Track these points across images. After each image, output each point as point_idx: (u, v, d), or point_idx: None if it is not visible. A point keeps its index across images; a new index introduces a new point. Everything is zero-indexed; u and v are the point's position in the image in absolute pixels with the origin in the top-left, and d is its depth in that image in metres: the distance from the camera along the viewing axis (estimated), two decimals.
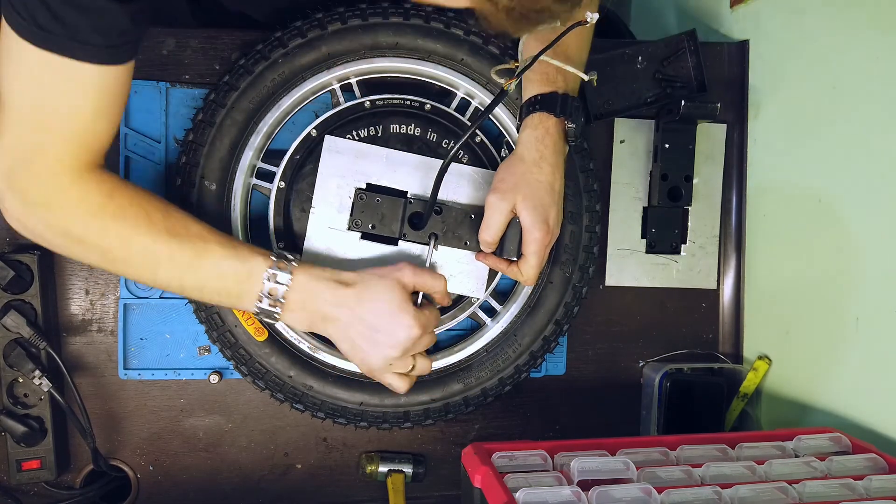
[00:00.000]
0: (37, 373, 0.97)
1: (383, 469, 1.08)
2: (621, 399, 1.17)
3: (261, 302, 0.85)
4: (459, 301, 1.04)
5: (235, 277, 0.84)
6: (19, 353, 0.97)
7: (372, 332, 0.86)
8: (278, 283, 0.84)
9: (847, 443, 0.89)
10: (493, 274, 1.02)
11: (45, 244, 0.83)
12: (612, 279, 1.16)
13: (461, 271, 1.01)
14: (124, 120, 1.02)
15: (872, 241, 0.94)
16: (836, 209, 1.00)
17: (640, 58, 1.11)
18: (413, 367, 0.90)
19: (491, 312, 1.07)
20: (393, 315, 0.86)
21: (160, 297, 1.04)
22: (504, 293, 1.07)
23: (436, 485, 1.12)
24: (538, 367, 1.09)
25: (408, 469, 1.09)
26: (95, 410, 1.04)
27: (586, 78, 0.93)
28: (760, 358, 1.13)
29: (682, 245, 1.17)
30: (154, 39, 1.04)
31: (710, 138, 1.17)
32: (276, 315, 0.86)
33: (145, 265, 0.83)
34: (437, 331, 1.03)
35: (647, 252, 1.16)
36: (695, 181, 1.15)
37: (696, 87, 1.11)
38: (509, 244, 0.94)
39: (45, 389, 0.97)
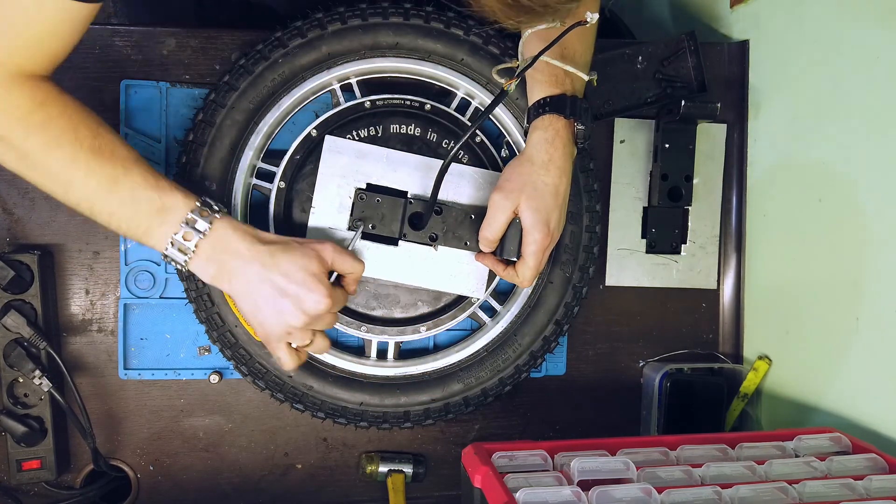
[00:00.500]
0: (37, 373, 0.97)
1: (383, 469, 1.08)
2: (621, 399, 1.17)
3: (172, 245, 0.82)
4: (460, 301, 1.04)
5: (148, 209, 0.82)
6: (19, 353, 0.97)
7: (279, 296, 0.83)
8: (196, 229, 0.82)
9: (847, 443, 0.89)
10: (493, 274, 1.02)
11: None
12: (612, 279, 1.16)
13: (461, 271, 1.01)
14: (124, 120, 1.03)
15: (872, 241, 0.94)
16: (836, 209, 1.00)
17: (640, 58, 1.11)
18: (310, 343, 0.87)
19: (491, 312, 1.07)
20: (306, 283, 0.83)
21: (160, 298, 1.04)
22: (504, 293, 1.07)
23: (436, 485, 1.12)
24: (538, 367, 1.09)
25: (408, 469, 1.09)
26: (95, 410, 1.04)
27: (586, 78, 0.93)
28: (760, 358, 1.13)
29: (683, 245, 1.17)
30: (154, 39, 1.04)
31: (710, 138, 1.17)
32: (184, 262, 0.83)
33: (60, 179, 0.81)
34: (436, 330, 1.04)
35: (648, 252, 1.16)
36: (695, 181, 1.15)
37: (696, 87, 1.11)
38: (509, 244, 0.94)
39: (46, 389, 0.97)
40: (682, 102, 1.07)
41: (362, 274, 0.90)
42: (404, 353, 1.07)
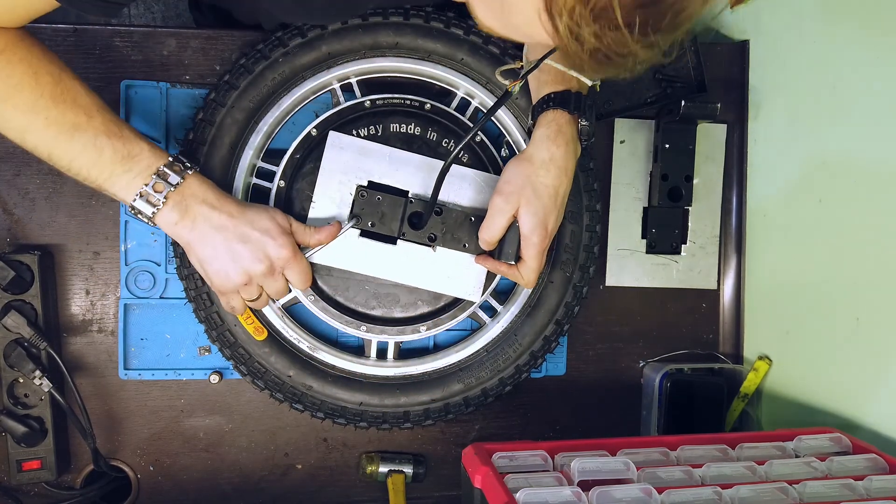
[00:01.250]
0: (37, 373, 0.97)
1: (383, 469, 1.08)
2: (621, 399, 1.17)
3: (140, 196, 0.83)
4: (459, 301, 1.04)
5: (112, 156, 0.82)
6: (20, 353, 0.97)
7: (239, 243, 0.86)
8: (167, 182, 0.83)
9: (847, 443, 0.89)
10: (491, 276, 1.02)
11: None
12: (612, 279, 1.16)
13: (459, 273, 1.01)
14: (124, 120, 1.02)
15: (872, 241, 0.94)
16: (836, 209, 1.00)
17: None
18: (258, 298, 0.91)
19: (491, 312, 1.07)
20: (269, 231, 0.87)
21: (160, 298, 1.04)
22: (504, 293, 1.07)
23: (436, 485, 1.12)
24: (538, 368, 1.09)
25: (408, 469, 1.09)
26: (96, 411, 1.04)
27: (589, 83, 0.93)
28: (761, 358, 1.13)
29: (683, 245, 1.17)
30: (154, 40, 1.04)
31: (710, 138, 1.17)
32: (151, 213, 0.84)
33: (18, 125, 0.81)
34: (436, 330, 1.03)
35: (648, 252, 1.16)
36: (695, 181, 1.15)
37: (696, 87, 1.11)
38: (508, 247, 0.94)
39: (46, 390, 0.97)
40: (682, 102, 1.07)
41: (319, 244, 0.93)
42: (404, 353, 1.07)
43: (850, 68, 0.97)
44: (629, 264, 1.16)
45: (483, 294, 1.03)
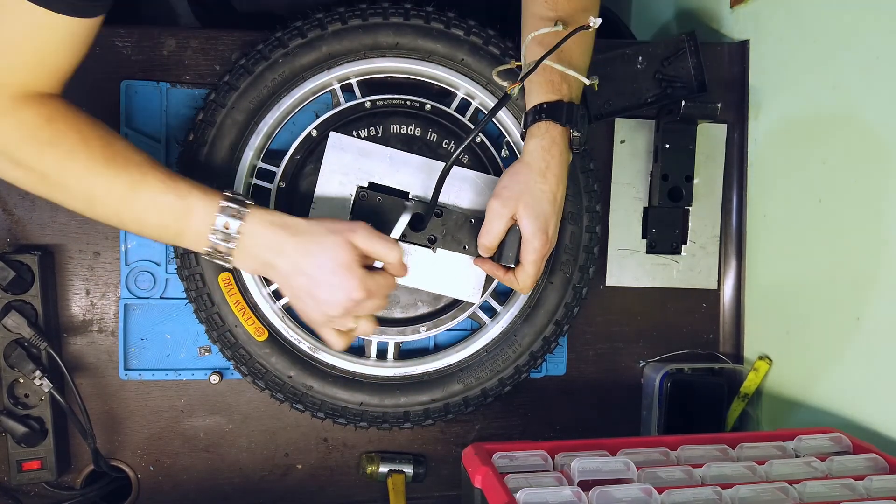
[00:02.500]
0: (37, 373, 0.97)
1: (384, 469, 1.08)
2: (622, 399, 1.17)
3: (210, 249, 0.83)
4: (459, 301, 1.04)
5: (172, 213, 0.82)
6: (20, 353, 0.97)
7: (312, 287, 0.84)
8: (226, 232, 0.82)
9: (847, 443, 0.89)
10: (491, 277, 1.02)
11: None
12: (612, 279, 1.16)
13: (459, 275, 1.01)
14: (124, 120, 1.03)
15: (872, 240, 0.94)
16: (836, 209, 1.00)
17: (640, 58, 1.11)
18: (355, 327, 0.89)
19: (491, 313, 1.07)
20: (336, 274, 0.83)
21: (160, 298, 1.04)
22: (504, 293, 1.07)
23: (436, 485, 1.12)
24: (538, 368, 1.09)
25: (408, 469, 1.09)
26: (96, 411, 1.04)
27: (588, 82, 0.93)
28: (761, 358, 1.13)
29: (683, 245, 1.17)
30: (154, 40, 1.04)
31: (711, 138, 1.17)
32: (227, 261, 0.85)
33: (82, 195, 0.82)
34: (436, 331, 1.04)
35: (648, 252, 1.16)
36: (695, 181, 1.15)
37: (696, 87, 1.11)
38: (508, 251, 0.94)
39: (46, 390, 0.97)
40: (683, 102, 1.07)
41: (401, 257, 0.88)
42: (404, 354, 1.07)
43: (850, 68, 0.97)
44: (629, 264, 1.16)
45: (483, 295, 1.03)
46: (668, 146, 1.12)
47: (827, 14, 1.01)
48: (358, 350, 1.06)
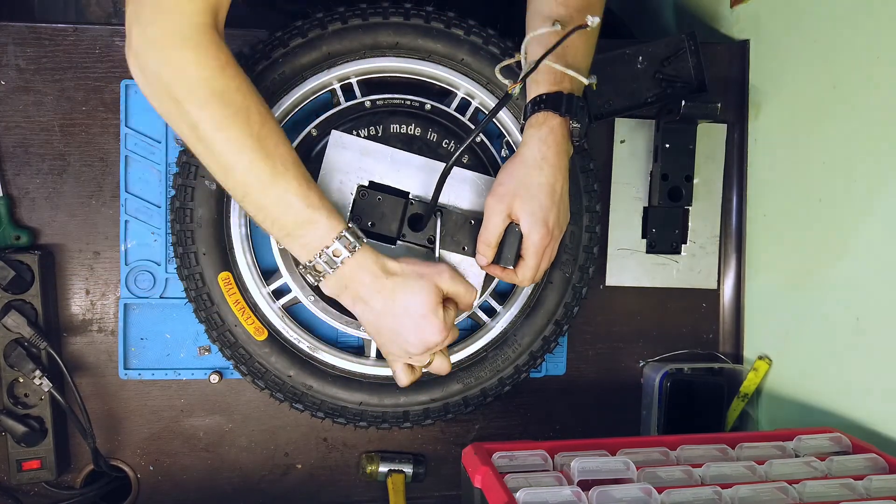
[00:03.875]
0: (37, 373, 0.97)
1: (383, 469, 1.08)
2: (621, 399, 1.17)
3: (309, 263, 0.84)
4: None
5: (295, 217, 0.83)
6: (20, 353, 0.97)
7: (399, 327, 0.86)
8: (334, 257, 0.84)
9: (847, 443, 0.89)
10: (490, 277, 1.02)
11: (150, 93, 0.81)
12: (612, 279, 1.16)
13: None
14: (125, 120, 1.03)
15: (872, 240, 0.94)
16: (836, 209, 1.00)
17: (640, 58, 1.11)
18: (430, 363, 0.91)
19: (490, 313, 1.07)
20: (423, 317, 0.86)
21: (160, 297, 1.04)
22: (504, 294, 1.07)
23: (436, 485, 1.12)
24: (538, 368, 1.09)
25: (408, 469, 1.09)
26: (96, 410, 1.04)
27: (586, 81, 0.93)
28: (761, 358, 1.13)
29: (683, 245, 1.17)
30: None
31: (711, 138, 1.17)
32: (315, 281, 0.87)
33: (223, 161, 0.81)
34: None
35: (648, 252, 1.16)
36: (695, 181, 1.15)
37: (696, 87, 1.11)
38: (507, 251, 0.94)
39: (46, 389, 0.97)
40: (683, 102, 1.07)
41: (475, 297, 0.92)
42: None
43: (850, 68, 0.97)
44: (629, 264, 1.16)
45: (482, 295, 1.03)
46: (668, 146, 1.12)
47: (827, 14, 1.01)
48: (357, 350, 1.06)
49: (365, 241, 0.86)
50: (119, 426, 1.06)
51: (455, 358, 1.04)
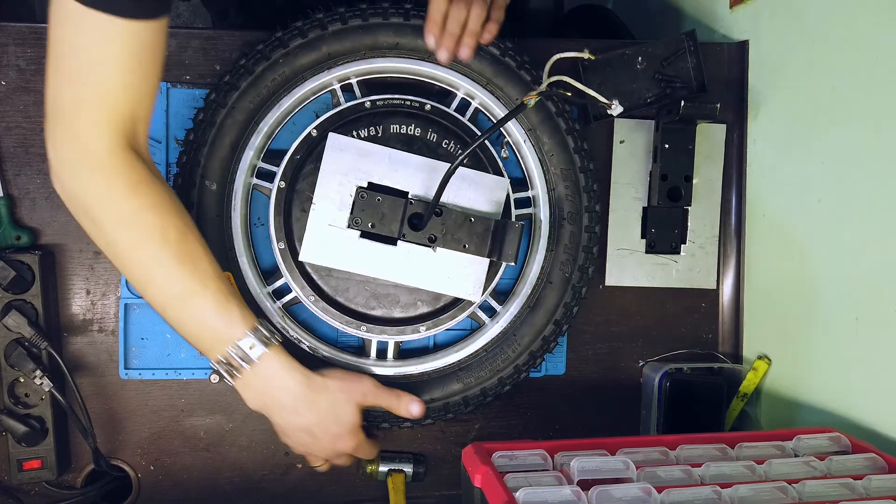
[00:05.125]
0: (38, 373, 0.97)
1: (384, 469, 1.08)
2: (621, 399, 1.17)
3: (220, 363, 0.86)
4: (459, 301, 1.04)
5: (213, 336, 0.84)
6: (20, 352, 0.97)
7: (309, 438, 0.91)
8: (244, 357, 0.85)
9: (847, 442, 0.89)
10: (491, 276, 1.02)
11: (71, 209, 0.82)
12: (612, 279, 1.16)
13: (459, 274, 1.01)
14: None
15: (872, 240, 0.94)
16: (836, 209, 1.00)
17: (640, 58, 1.11)
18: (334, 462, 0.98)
19: (490, 312, 1.07)
20: (339, 436, 0.91)
21: None
22: (504, 293, 1.08)
23: (436, 484, 1.13)
24: (538, 367, 1.09)
25: (408, 469, 1.09)
26: (96, 410, 1.05)
27: (610, 105, 0.96)
28: (760, 358, 1.13)
29: (682, 245, 1.17)
30: None
31: (710, 138, 1.17)
32: (229, 379, 0.87)
33: (140, 277, 0.83)
34: (436, 330, 1.04)
35: (647, 252, 1.16)
36: (695, 181, 1.15)
37: (695, 87, 1.11)
38: (508, 248, 0.93)
39: (46, 389, 0.98)
40: (682, 103, 1.07)
41: (408, 406, 0.97)
42: (404, 353, 1.07)
43: (850, 68, 0.97)
44: (629, 264, 1.16)
45: (483, 294, 1.03)
46: (667, 146, 1.12)
47: (827, 14, 1.01)
48: (358, 349, 1.06)
49: (277, 342, 0.88)
50: (120, 426, 1.06)
51: (455, 357, 1.04)
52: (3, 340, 0.98)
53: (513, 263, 0.94)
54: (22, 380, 0.98)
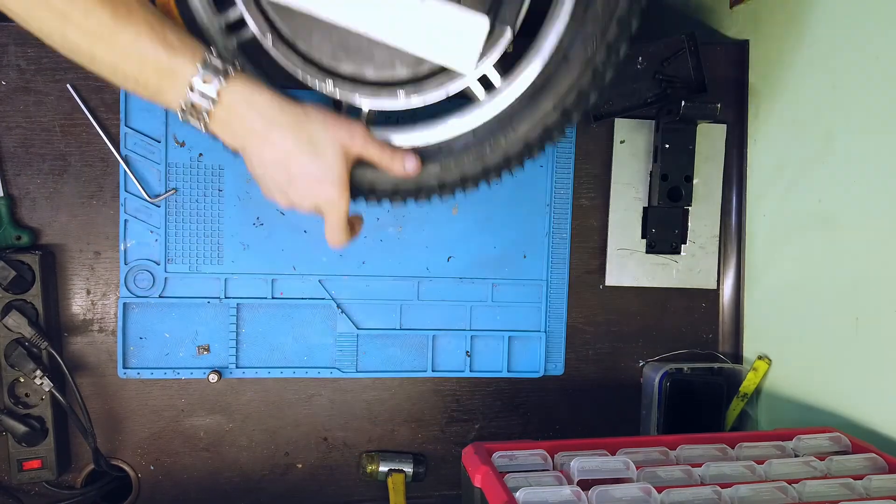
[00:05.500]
0: (38, 373, 0.97)
1: (384, 469, 1.09)
2: (621, 399, 1.17)
3: (184, 111, 0.73)
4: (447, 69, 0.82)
5: (156, 69, 0.71)
6: (20, 352, 0.97)
7: (288, 177, 0.76)
8: (204, 95, 0.72)
9: (847, 442, 0.89)
10: (491, 44, 0.81)
11: None
12: (612, 279, 1.16)
13: (450, 34, 0.78)
14: (124, 119, 1.03)
15: (872, 240, 0.94)
16: (836, 209, 1.00)
17: (640, 58, 1.11)
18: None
19: (488, 86, 0.85)
20: (320, 181, 0.76)
21: (159, 297, 1.04)
22: (508, 66, 0.85)
23: (436, 484, 1.13)
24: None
25: (408, 469, 1.09)
26: (96, 410, 1.05)
27: None
28: (760, 358, 1.13)
29: (682, 245, 1.17)
30: None
31: (710, 138, 1.17)
32: (202, 126, 0.74)
33: (55, 14, 0.68)
34: (417, 99, 0.84)
35: (648, 252, 1.16)
36: (695, 181, 1.15)
37: (696, 87, 1.11)
38: (507, 9, 0.78)
39: (47, 389, 0.98)
40: (682, 103, 1.07)
41: (402, 166, 0.81)
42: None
43: (850, 68, 0.97)
44: (629, 264, 1.16)
45: (479, 64, 0.81)
46: (667, 146, 1.12)
47: (827, 14, 1.01)
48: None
49: (239, 69, 0.74)
50: (120, 426, 1.06)
51: (435, 137, 0.86)
52: (3, 340, 0.98)
53: (509, 31, 0.77)
54: (22, 380, 0.98)
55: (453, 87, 0.83)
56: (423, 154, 0.85)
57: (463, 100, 0.86)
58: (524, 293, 1.13)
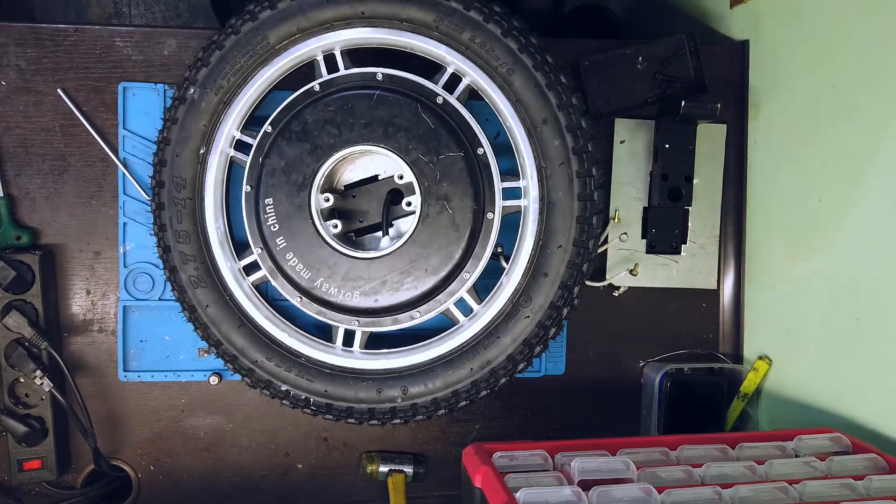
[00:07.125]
0: (38, 373, 0.97)
1: (384, 469, 1.09)
2: (621, 399, 1.17)
3: None
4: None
5: None
6: (20, 353, 0.97)
7: None
8: None
9: (847, 443, 0.89)
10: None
11: None
12: (612, 279, 1.15)
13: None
14: (122, 122, 1.03)
15: (872, 241, 0.94)
16: (836, 209, 1.00)
17: (640, 58, 1.11)
18: None
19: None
20: None
21: (159, 300, 1.04)
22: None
23: (436, 485, 1.12)
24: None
25: (408, 469, 1.09)
26: (96, 410, 1.04)
27: None
28: (760, 358, 1.13)
29: (683, 245, 1.17)
30: (155, 40, 1.04)
31: (710, 138, 1.17)
32: None
33: None
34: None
35: (648, 252, 1.16)
36: (695, 181, 1.15)
37: (696, 87, 1.11)
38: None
39: (47, 389, 0.98)
40: (682, 103, 1.07)
41: None
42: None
43: (850, 68, 0.97)
44: (629, 264, 1.16)
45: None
46: (667, 146, 1.12)
47: (827, 14, 1.01)
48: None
49: None
50: (120, 426, 1.06)
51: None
52: (3, 340, 0.98)
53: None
54: (22, 380, 0.98)
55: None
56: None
57: None
58: None
